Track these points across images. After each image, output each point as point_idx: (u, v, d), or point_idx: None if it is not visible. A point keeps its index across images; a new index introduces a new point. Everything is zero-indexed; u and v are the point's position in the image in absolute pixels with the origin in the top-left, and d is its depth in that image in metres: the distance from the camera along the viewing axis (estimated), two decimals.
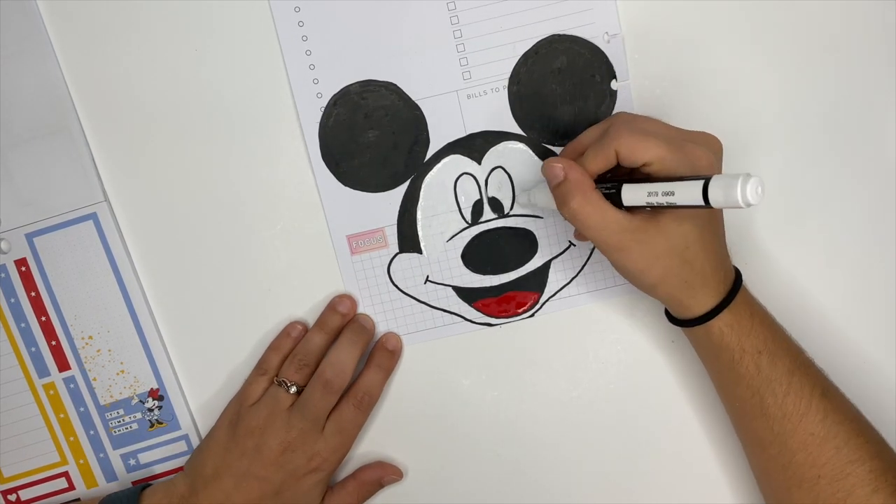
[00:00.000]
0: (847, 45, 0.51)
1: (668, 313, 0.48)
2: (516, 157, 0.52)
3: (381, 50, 0.51)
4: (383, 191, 0.53)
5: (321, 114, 0.52)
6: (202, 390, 0.55)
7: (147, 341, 0.54)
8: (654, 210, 0.43)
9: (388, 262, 0.54)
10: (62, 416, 0.54)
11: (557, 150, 0.52)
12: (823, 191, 0.53)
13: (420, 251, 0.53)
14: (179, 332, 0.54)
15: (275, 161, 0.53)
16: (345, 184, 0.53)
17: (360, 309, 0.54)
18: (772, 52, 0.51)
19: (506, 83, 0.51)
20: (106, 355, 0.54)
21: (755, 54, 0.51)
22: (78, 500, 0.56)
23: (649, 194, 0.41)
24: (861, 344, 0.53)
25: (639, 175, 0.43)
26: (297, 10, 0.51)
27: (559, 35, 0.51)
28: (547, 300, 0.54)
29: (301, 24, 0.51)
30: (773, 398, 0.45)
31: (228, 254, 0.54)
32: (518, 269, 0.53)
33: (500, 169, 0.52)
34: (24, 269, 0.53)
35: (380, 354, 0.53)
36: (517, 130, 0.52)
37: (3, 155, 0.52)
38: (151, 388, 0.54)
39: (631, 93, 0.51)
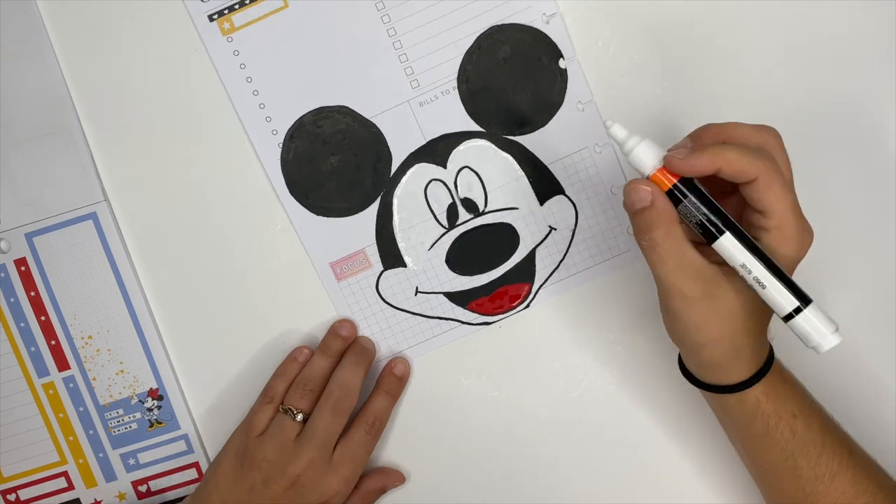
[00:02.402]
0: (846, 45, 0.51)
1: (685, 373, 0.46)
2: (480, 154, 0.52)
3: (326, 76, 0.51)
4: (356, 213, 0.53)
5: (280, 149, 0.52)
6: (202, 390, 0.55)
7: (147, 341, 0.54)
8: None
9: (375, 282, 0.54)
10: (62, 415, 0.54)
11: (519, 139, 0.52)
12: (823, 191, 0.53)
13: (404, 265, 0.53)
14: (179, 332, 0.54)
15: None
16: (317, 213, 0.53)
17: (360, 332, 0.54)
18: (772, 52, 0.51)
19: (455, 83, 0.52)
20: (105, 355, 0.54)
21: (756, 56, 0.52)
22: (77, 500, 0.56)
23: (742, 266, 0.38)
24: (861, 344, 0.53)
25: (729, 189, 0.40)
26: (235, 53, 0.51)
27: (499, 26, 0.51)
28: (539, 288, 0.54)
29: (243, 66, 0.52)
30: (807, 461, 0.44)
31: (228, 254, 0.54)
32: (505, 264, 0.53)
33: (466, 169, 0.52)
34: (23, 268, 0.53)
35: (388, 380, 0.53)
36: (475, 128, 0.52)
37: (3, 155, 0.52)
38: (151, 388, 0.54)
39: (581, 69, 0.51)
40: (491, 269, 0.53)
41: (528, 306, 0.54)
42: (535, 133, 0.52)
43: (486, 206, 0.53)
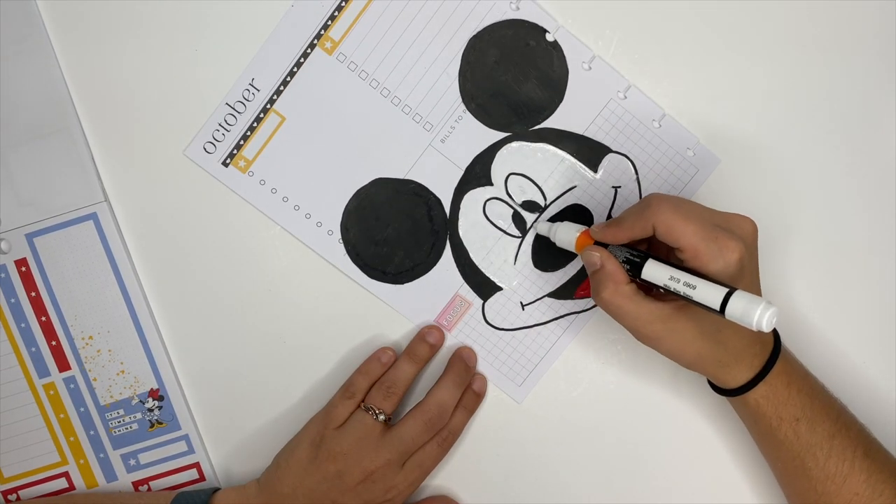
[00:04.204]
0: (845, 45, 0.51)
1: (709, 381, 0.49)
2: (516, 156, 0.53)
3: (349, 160, 0.52)
4: (434, 265, 0.54)
5: (342, 245, 0.53)
6: (203, 390, 0.55)
7: (147, 341, 0.54)
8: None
9: (481, 316, 0.54)
10: (62, 416, 0.54)
11: (545, 124, 0.52)
12: (823, 192, 0.53)
13: (500, 288, 0.54)
14: (179, 332, 0.55)
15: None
16: (400, 283, 0.54)
17: (487, 363, 0.55)
18: (769, 52, 0.52)
19: (463, 107, 0.52)
20: (106, 355, 0.54)
21: (755, 53, 0.52)
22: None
23: (671, 278, 0.42)
24: (861, 345, 0.53)
25: (666, 252, 0.44)
26: (262, 182, 0.53)
27: (476, 35, 0.51)
28: None
29: (274, 190, 0.53)
30: (815, 462, 0.46)
31: (228, 254, 0.54)
32: None
33: (512, 175, 0.53)
34: (24, 269, 0.53)
35: (467, 396, 0.54)
36: (501, 135, 0.52)
37: (3, 155, 0.52)
38: (151, 389, 0.54)
39: (570, 33, 0.51)
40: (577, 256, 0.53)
41: None
42: (557, 111, 0.52)
43: (545, 199, 0.53)
